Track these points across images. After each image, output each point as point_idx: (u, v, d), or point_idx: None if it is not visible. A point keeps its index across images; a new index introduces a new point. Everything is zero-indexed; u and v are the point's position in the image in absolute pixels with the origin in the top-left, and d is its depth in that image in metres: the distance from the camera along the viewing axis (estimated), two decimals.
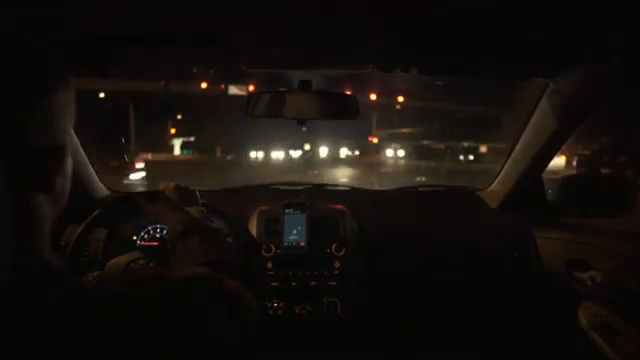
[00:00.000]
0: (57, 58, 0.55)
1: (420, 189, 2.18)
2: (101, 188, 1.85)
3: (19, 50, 0.50)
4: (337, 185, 2.21)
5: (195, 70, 1.45)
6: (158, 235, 1.68)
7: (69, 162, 0.57)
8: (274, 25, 1.09)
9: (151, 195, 1.12)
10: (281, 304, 1.61)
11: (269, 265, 1.61)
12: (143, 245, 1.66)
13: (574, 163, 14.19)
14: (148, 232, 1.68)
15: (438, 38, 1.14)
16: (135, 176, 8.95)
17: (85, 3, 0.95)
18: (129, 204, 1.39)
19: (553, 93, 1.51)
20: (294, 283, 1.61)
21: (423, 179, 13.93)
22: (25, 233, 0.51)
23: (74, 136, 1.61)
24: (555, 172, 2.26)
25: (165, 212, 1.06)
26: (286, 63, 1.46)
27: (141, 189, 2.26)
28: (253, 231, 1.67)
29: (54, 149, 0.53)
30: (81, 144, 1.69)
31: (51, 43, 1.06)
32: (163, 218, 1.08)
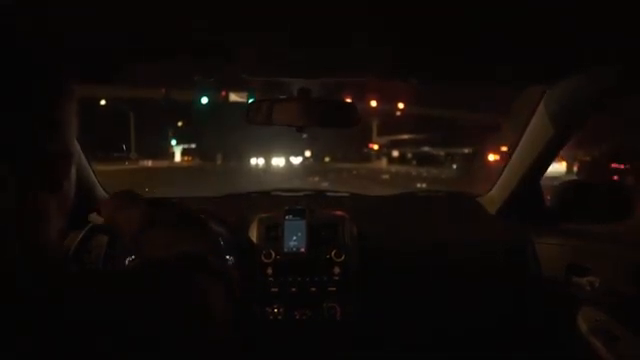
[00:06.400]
0: (62, 66, 0.58)
1: (419, 194, 2.18)
2: (102, 194, 1.86)
3: (28, 58, 0.54)
4: (337, 191, 2.22)
5: (196, 79, 1.46)
6: None
7: (74, 168, 0.60)
8: (274, 34, 1.10)
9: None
10: (281, 309, 1.61)
11: (269, 271, 1.61)
12: None
13: (575, 169, 14.24)
14: None
15: (436, 47, 1.16)
16: None
17: (85, 17, 0.97)
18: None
19: (550, 100, 1.52)
20: (294, 289, 1.61)
21: (424, 185, 13.97)
22: (32, 232, 0.53)
23: (75, 142, 1.62)
24: (555, 178, 2.27)
25: (112, 214, 0.91)
26: (286, 71, 1.48)
27: None
28: (253, 237, 1.68)
29: (63, 153, 0.56)
30: (82, 150, 1.70)
31: (52, 55, 1.08)
32: (113, 221, 0.92)
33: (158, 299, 0.54)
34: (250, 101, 1.59)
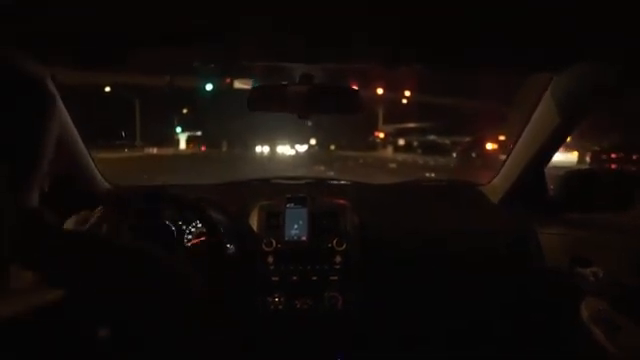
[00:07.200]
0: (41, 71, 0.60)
1: (422, 183, 2.17)
2: (102, 182, 1.85)
3: (28, 59, 0.57)
4: (339, 179, 2.21)
5: (194, 65, 1.45)
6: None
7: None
8: (275, 20, 1.09)
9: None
10: (282, 298, 1.61)
11: (270, 259, 1.61)
12: None
13: (587, 159, 14.16)
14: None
15: (441, 32, 1.13)
16: None
17: (87, 2, 0.96)
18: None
19: (557, 88, 1.50)
20: (295, 277, 1.61)
21: (432, 175, 13.91)
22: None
23: (74, 130, 1.62)
24: (566, 168, 2.23)
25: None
26: (287, 57, 1.46)
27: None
28: (254, 225, 1.67)
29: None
30: (82, 139, 1.69)
31: (52, 40, 1.07)
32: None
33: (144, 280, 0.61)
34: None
